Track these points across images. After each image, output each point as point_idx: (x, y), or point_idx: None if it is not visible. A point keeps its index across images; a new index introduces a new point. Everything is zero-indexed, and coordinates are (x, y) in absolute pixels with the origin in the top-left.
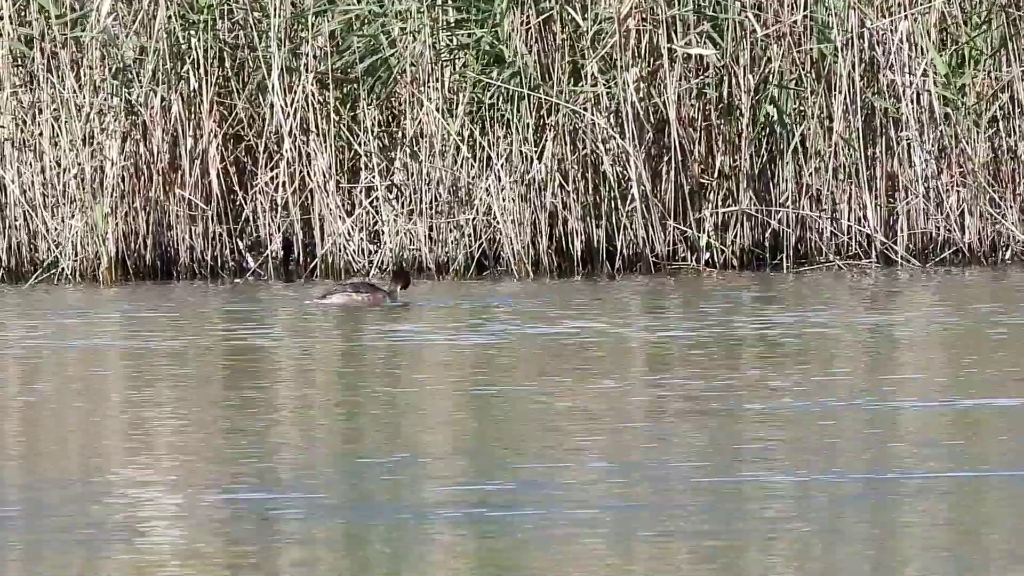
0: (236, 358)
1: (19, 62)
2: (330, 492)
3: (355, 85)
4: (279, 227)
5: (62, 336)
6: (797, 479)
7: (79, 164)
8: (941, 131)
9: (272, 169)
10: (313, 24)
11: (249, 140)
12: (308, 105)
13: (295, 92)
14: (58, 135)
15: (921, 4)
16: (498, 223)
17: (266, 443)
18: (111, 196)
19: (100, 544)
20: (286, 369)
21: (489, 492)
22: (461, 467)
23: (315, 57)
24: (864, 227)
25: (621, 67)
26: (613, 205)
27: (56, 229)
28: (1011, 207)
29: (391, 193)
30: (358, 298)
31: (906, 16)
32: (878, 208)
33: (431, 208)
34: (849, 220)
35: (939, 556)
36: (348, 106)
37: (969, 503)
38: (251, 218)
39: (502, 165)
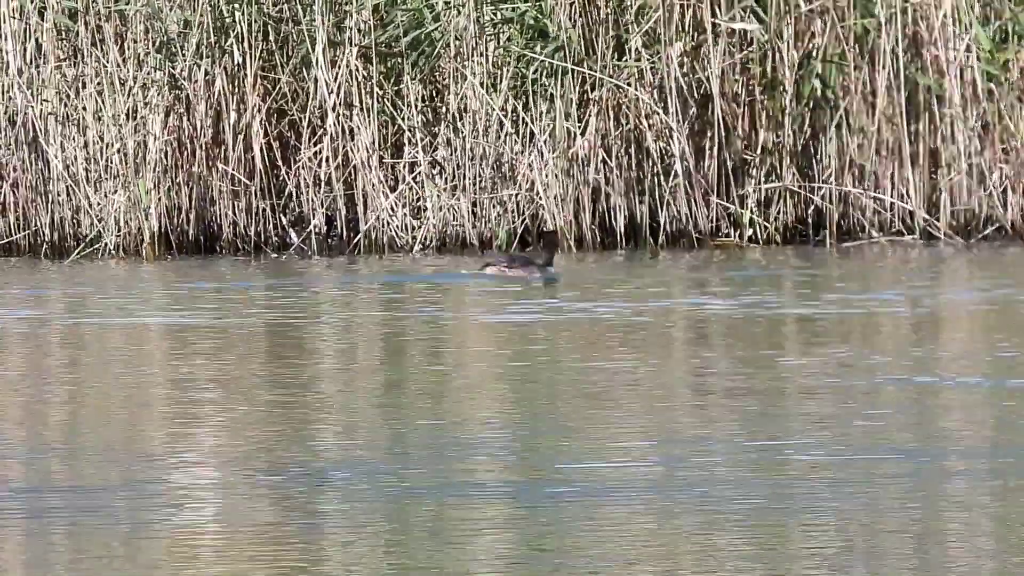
0: (278, 337)
1: (63, 36)
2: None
3: (399, 59)
4: (322, 203)
5: (107, 311)
6: (906, 455)
7: (122, 139)
8: (984, 107)
9: (315, 144)
10: None
11: (293, 115)
12: (352, 79)
13: (339, 66)
14: (101, 109)
15: None
16: (541, 199)
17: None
18: (154, 171)
19: (145, 520)
20: (326, 346)
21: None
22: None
23: (359, 31)
24: (907, 203)
25: (665, 42)
26: (656, 181)
27: (99, 204)
28: None
29: (434, 169)
30: (511, 273)
31: None
32: (921, 184)
33: (474, 184)
34: (892, 196)
35: None
36: (392, 81)
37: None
38: (294, 193)
39: (545, 140)
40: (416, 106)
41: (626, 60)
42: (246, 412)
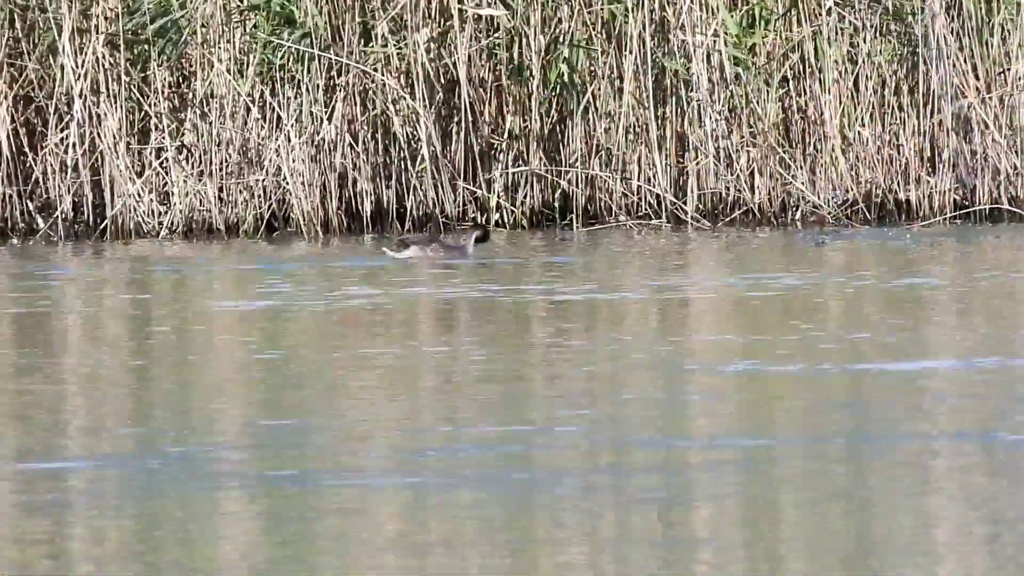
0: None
1: None
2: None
3: (145, 46)
4: (69, 188)
5: None
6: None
7: None
8: (732, 91)
9: (63, 130)
10: None
11: (39, 101)
12: (99, 67)
13: (85, 53)
14: None
15: None
16: (288, 184)
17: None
18: None
19: None
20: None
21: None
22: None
23: (106, 18)
24: (655, 187)
25: (412, 28)
26: (403, 166)
27: None
28: (801, 168)
29: (181, 154)
30: (431, 254)
31: None
32: (668, 168)
33: (221, 169)
34: (639, 180)
35: None
36: (139, 67)
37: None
38: (41, 179)
39: (292, 126)
40: (163, 92)
41: (372, 46)
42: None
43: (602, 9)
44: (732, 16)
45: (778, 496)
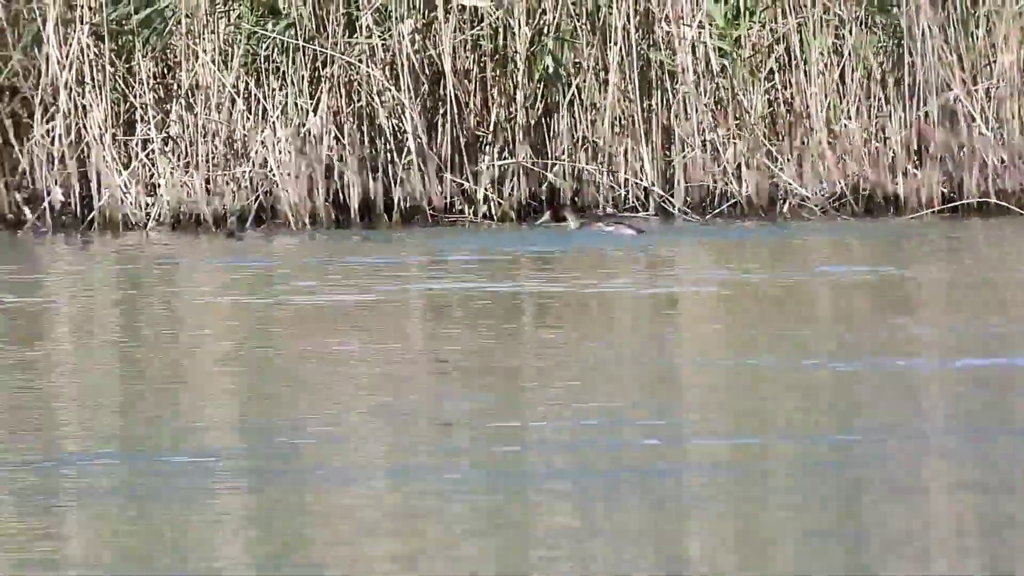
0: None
1: None
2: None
3: (130, 37)
4: (56, 180)
5: None
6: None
7: None
8: (718, 83)
9: (48, 122)
10: None
11: (25, 92)
12: (84, 57)
13: (70, 44)
14: None
15: None
16: (275, 175)
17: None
18: None
19: None
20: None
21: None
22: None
23: (90, 8)
24: (642, 180)
25: (396, 18)
26: (389, 158)
27: None
28: (788, 160)
29: (167, 146)
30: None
31: None
32: (655, 161)
33: (207, 161)
34: (626, 173)
35: None
36: (123, 58)
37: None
38: (28, 171)
39: (277, 117)
40: (148, 83)
41: (357, 37)
42: None
43: (586, 0)
44: (718, 7)
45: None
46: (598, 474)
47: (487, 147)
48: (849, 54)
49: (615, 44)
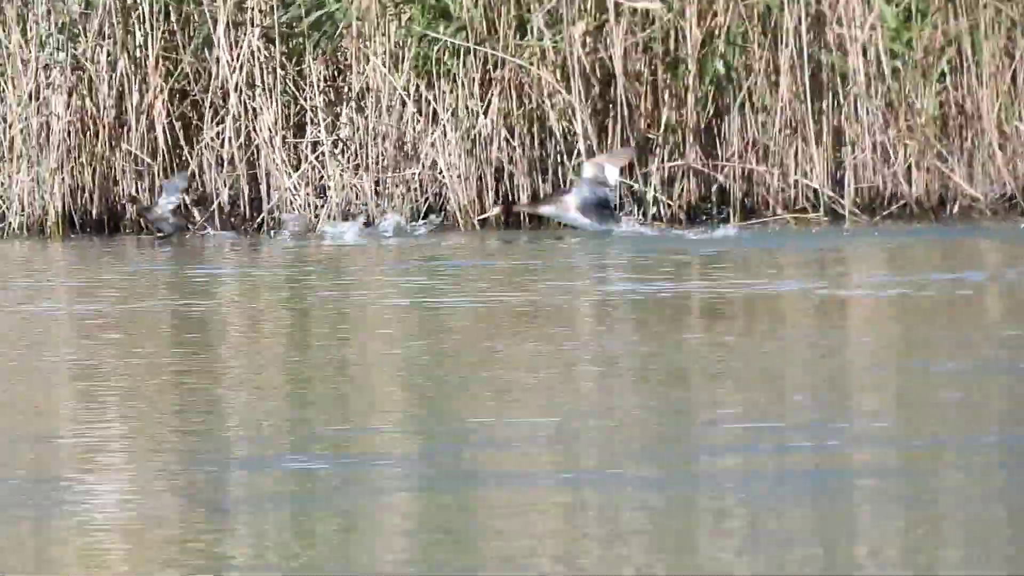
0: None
1: None
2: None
3: (301, 40)
4: (225, 182)
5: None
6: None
7: (26, 119)
8: (889, 85)
9: (218, 124)
10: None
11: (195, 95)
12: (254, 60)
13: (240, 47)
14: (4, 90)
15: None
16: (444, 177)
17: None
18: (58, 151)
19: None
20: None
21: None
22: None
23: (261, 12)
24: (811, 181)
25: (567, 21)
26: (559, 160)
27: (3, 184)
28: (959, 161)
29: (336, 148)
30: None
31: None
32: (825, 162)
33: (377, 163)
34: (796, 174)
35: None
36: (294, 61)
37: None
38: (197, 173)
39: (448, 120)
40: (318, 86)
41: (528, 40)
42: (174, 402)
43: (757, 2)
44: (889, 8)
45: None
46: (765, 477)
47: (657, 148)
48: (1021, 56)
49: (786, 47)
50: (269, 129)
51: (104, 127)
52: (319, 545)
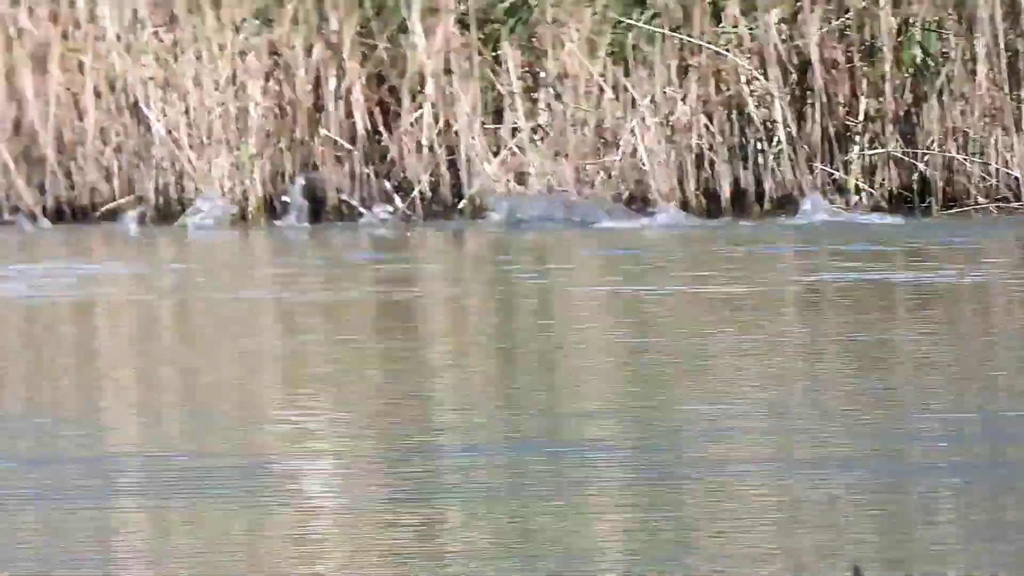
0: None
1: (159, 2)
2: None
3: (496, 26)
4: (425, 168)
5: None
6: None
7: (224, 104)
8: None
9: (416, 110)
10: None
11: (392, 81)
12: (449, 46)
13: (436, 33)
14: (200, 75)
15: None
16: (644, 165)
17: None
18: (256, 136)
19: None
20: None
21: None
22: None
23: None
24: (1012, 170)
25: (762, 8)
26: (759, 147)
27: (203, 169)
28: None
29: (536, 134)
30: None
31: None
32: None
33: (577, 150)
34: (996, 163)
35: None
36: (490, 47)
37: None
38: (396, 159)
39: (646, 106)
40: (515, 72)
41: (723, 26)
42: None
43: None
44: None
45: None
46: (978, 467)
47: (856, 136)
48: None
49: (982, 35)
50: (467, 115)
51: (303, 112)
52: (537, 537)
